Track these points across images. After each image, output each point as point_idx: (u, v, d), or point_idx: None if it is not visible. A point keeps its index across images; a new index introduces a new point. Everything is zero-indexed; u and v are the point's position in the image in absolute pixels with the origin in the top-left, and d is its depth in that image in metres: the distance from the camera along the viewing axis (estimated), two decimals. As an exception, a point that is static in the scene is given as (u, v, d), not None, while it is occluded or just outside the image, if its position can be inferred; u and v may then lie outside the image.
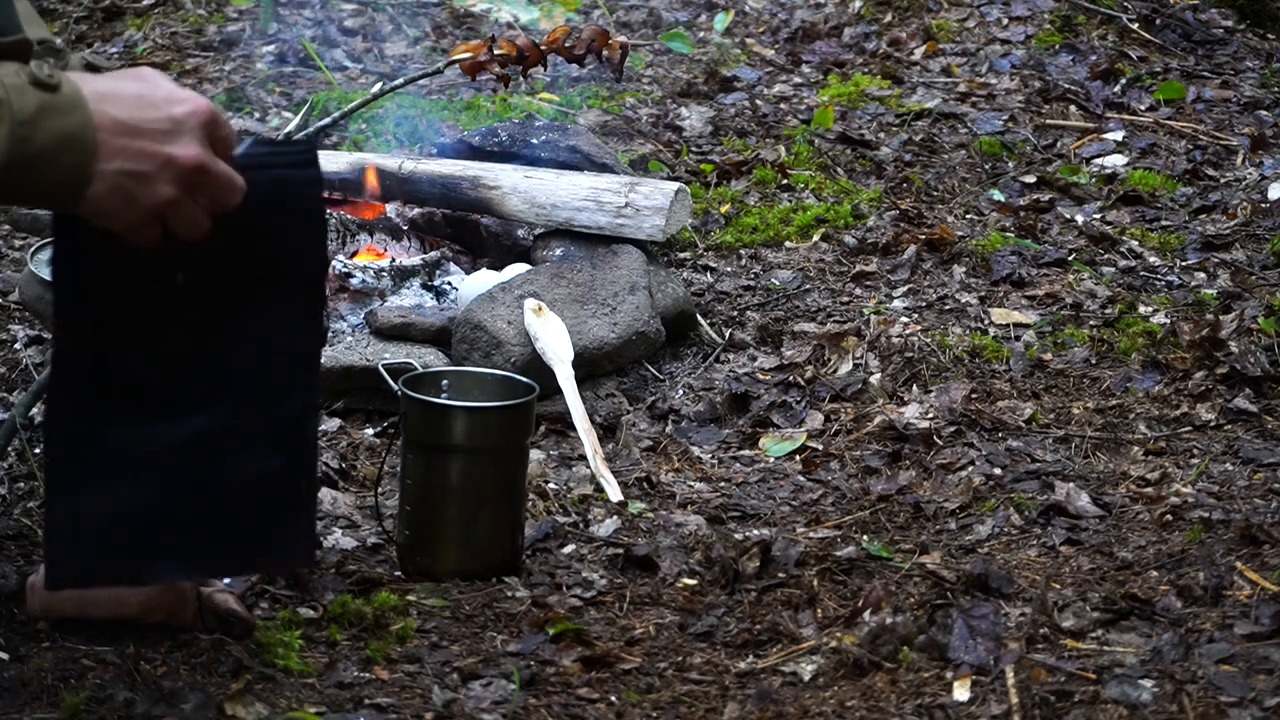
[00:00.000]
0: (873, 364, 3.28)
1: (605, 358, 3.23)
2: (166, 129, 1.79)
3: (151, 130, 1.79)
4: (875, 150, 4.33)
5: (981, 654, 2.26)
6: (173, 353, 1.98)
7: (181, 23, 5.31)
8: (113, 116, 1.77)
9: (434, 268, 3.46)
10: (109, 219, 1.80)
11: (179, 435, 1.98)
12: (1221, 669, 2.20)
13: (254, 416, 2.01)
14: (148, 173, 1.78)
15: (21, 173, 1.72)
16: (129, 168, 1.77)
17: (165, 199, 1.80)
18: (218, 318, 1.98)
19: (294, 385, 2.03)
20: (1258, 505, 2.74)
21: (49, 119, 1.73)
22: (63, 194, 1.77)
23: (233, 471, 2.01)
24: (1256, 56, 5.05)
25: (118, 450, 1.97)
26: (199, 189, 1.83)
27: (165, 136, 1.79)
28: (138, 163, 1.77)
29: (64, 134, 1.74)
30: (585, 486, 2.90)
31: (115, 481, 1.97)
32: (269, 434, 2.02)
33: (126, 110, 1.78)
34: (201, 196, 1.84)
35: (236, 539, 2.06)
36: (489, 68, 3.33)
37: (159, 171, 1.79)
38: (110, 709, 2.09)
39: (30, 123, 1.72)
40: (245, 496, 2.03)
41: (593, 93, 4.73)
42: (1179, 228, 3.96)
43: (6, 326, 3.43)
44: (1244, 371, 3.17)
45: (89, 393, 1.96)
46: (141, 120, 1.79)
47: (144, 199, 1.79)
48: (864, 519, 2.81)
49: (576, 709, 2.22)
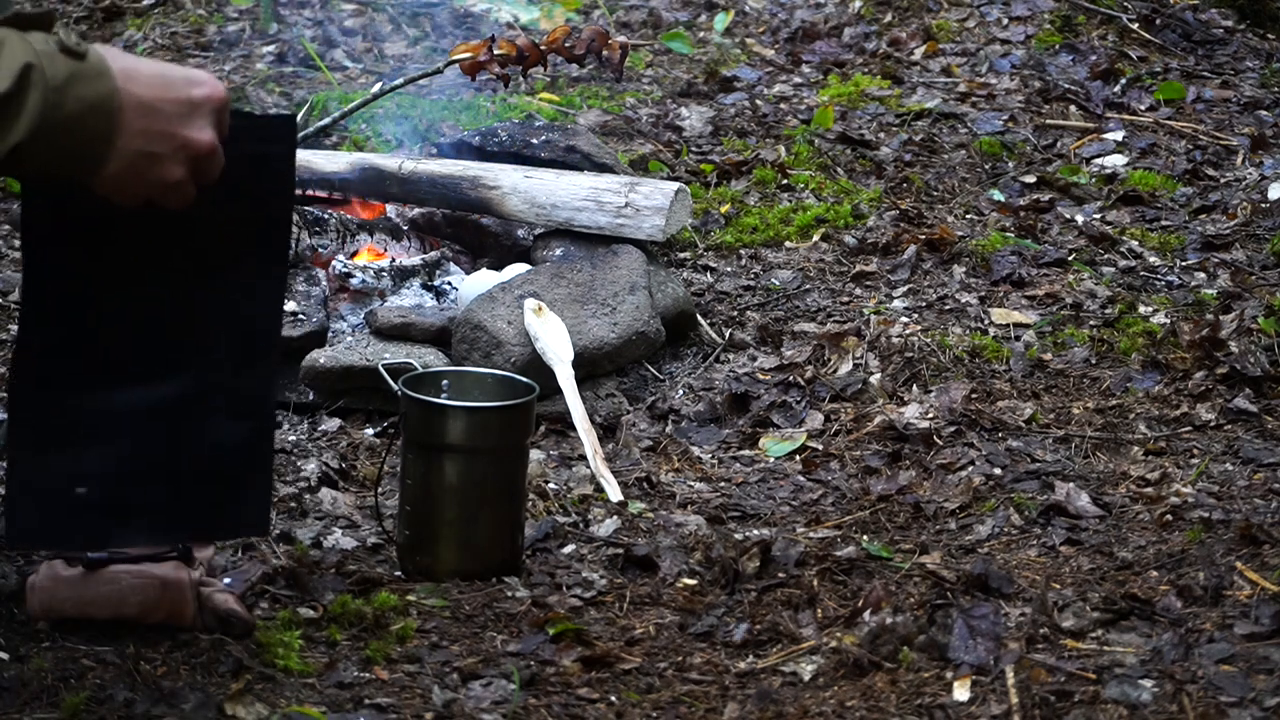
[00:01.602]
0: (873, 364, 3.28)
1: (605, 358, 3.23)
2: (184, 112, 1.82)
3: (169, 112, 1.81)
4: (875, 150, 4.33)
5: (981, 654, 2.26)
6: (141, 317, 2.00)
7: (181, 23, 5.31)
8: (135, 95, 1.79)
9: (434, 268, 3.46)
10: (118, 193, 1.82)
11: (145, 400, 2.01)
12: (1221, 669, 2.20)
13: (219, 384, 2.04)
14: (163, 154, 1.81)
15: (51, 137, 1.74)
16: (146, 148, 1.80)
17: (174, 179, 1.82)
18: (187, 284, 2.01)
19: (259, 353, 2.07)
20: (1258, 505, 2.74)
21: (77, 86, 1.75)
22: (83, 163, 1.79)
23: (196, 438, 2.04)
24: (1256, 56, 5.05)
25: (84, 412, 1.99)
26: (203, 170, 1.85)
27: (182, 120, 1.82)
28: (155, 144, 1.80)
29: (91, 102, 1.76)
30: (585, 486, 2.90)
31: (80, 443, 1.99)
32: (233, 402, 2.05)
33: (148, 89, 1.81)
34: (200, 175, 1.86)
35: (198, 507, 2.09)
36: (489, 68, 3.33)
37: (173, 153, 1.82)
38: (110, 709, 2.09)
39: (61, 89, 1.74)
40: (208, 464, 2.06)
41: (593, 93, 4.73)
42: (1179, 228, 3.96)
43: (6, 327, 3.43)
44: (1244, 371, 3.17)
45: (57, 353, 1.98)
46: (161, 100, 1.81)
47: (154, 178, 1.82)
48: (864, 519, 2.81)
49: (576, 709, 2.22)
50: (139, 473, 2.03)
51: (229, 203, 1.96)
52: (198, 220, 1.95)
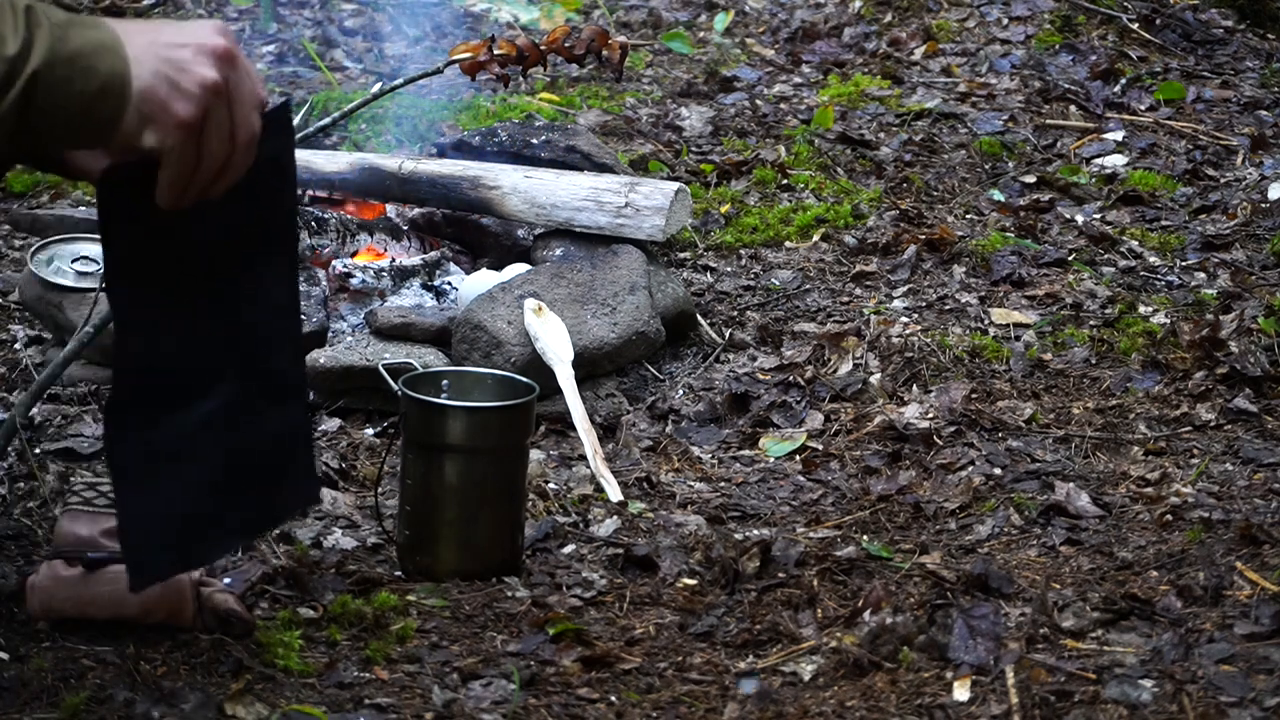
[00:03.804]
0: (873, 364, 3.29)
1: (605, 358, 3.23)
2: (184, 30, 1.87)
3: (170, 30, 1.86)
4: (875, 150, 4.33)
5: (981, 654, 2.26)
6: (199, 326, 2.03)
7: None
8: (132, 30, 1.84)
9: (434, 268, 3.46)
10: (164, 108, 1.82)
11: (212, 407, 2.03)
12: (1221, 669, 2.20)
13: (257, 373, 2.07)
14: (184, 59, 1.83)
15: (64, 69, 1.77)
16: (164, 54, 1.82)
17: (211, 80, 1.83)
18: (225, 285, 2.03)
19: (285, 335, 2.11)
20: (1258, 505, 2.74)
21: (80, 28, 1.80)
22: (109, 100, 1.80)
23: (250, 430, 2.07)
24: (1256, 56, 5.05)
25: (175, 437, 2.01)
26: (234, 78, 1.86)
27: (186, 33, 1.86)
28: (171, 50, 1.83)
29: (96, 40, 1.80)
30: (585, 486, 2.90)
31: (176, 469, 2.02)
32: (270, 387, 2.08)
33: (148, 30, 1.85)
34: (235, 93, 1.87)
35: (264, 495, 2.12)
36: (489, 68, 3.32)
37: (195, 55, 1.84)
38: (110, 709, 2.09)
39: (64, 25, 1.79)
40: (263, 452, 2.09)
41: (593, 93, 4.73)
42: (1179, 228, 3.96)
43: (6, 326, 3.43)
44: (1244, 371, 3.17)
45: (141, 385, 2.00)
46: (157, 27, 1.87)
47: (191, 84, 1.83)
48: (864, 519, 2.81)
49: (576, 709, 2.22)
50: (221, 480, 2.06)
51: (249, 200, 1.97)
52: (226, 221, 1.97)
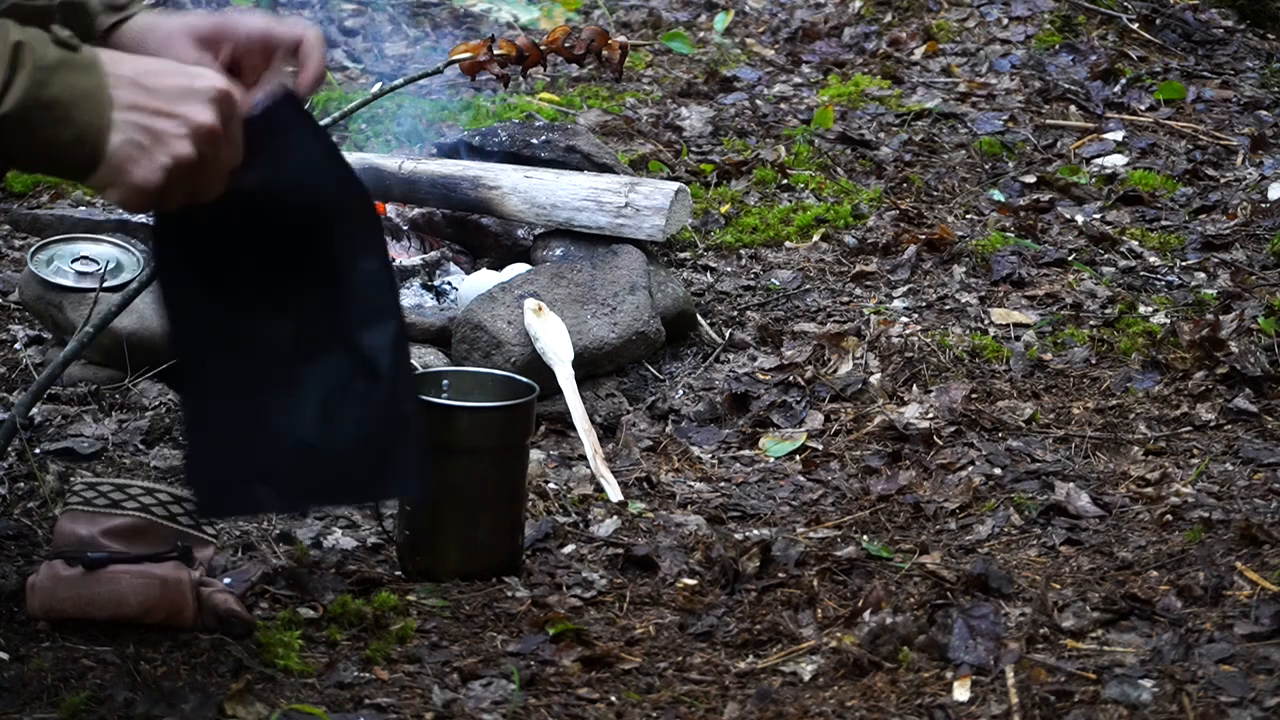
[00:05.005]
0: (873, 364, 3.28)
1: (605, 358, 3.23)
2: (180, 94, 1.82)
3: (165, 92, 1.82)
4: (875, 150, 4.33)
5: (981, 654, 2.26)
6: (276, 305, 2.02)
7: (181, 23, 5.30)
8: (128, 74, 1.81)
9: (434, 268, 3.46)
10: (129, 174, 1.80)
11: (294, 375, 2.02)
12: (1221, 669, 2.20)
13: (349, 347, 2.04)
14: (165, 131, 1.80)
15: (39, 115, 1.75)
16: (146, 124, 1.80)
17: (185, 155, 1.81)
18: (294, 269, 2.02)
19: (381, 311, 2.05)
20: (1258, 505, 2.74)
21: (67, 73, 1.76)
22: (81, 152, 1.79)
23: (342, 403, 2.03)
24: (1256, 56, 5.05)
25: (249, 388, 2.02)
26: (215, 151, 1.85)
27: (179, 99, 1.82)
28: (154, 121, 1.80)
29: (80, 89, 1.77)
30: (585, 486, 2.90)
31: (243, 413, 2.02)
32: (366, 362, 2.04)
33: (144, 73, 1.82)
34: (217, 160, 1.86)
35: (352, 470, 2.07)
36: (489, 68, 3.32)
37: (175, 129, 1.81)
38: (110, 709, 2.09)
39: (50, 69, 1.75)
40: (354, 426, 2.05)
41: (593, 93, 4.73)
42: (1179, 228, 3.96)
43: (6, 326, 3.43)
44: (1244, 371, 3.17)
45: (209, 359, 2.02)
46: (156, 80, 1.82)
47: (165, 158, 1.80)
48: (864, 519, 2.81)
49: (576, 709, 2.22)
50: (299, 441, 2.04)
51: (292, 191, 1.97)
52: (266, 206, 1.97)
